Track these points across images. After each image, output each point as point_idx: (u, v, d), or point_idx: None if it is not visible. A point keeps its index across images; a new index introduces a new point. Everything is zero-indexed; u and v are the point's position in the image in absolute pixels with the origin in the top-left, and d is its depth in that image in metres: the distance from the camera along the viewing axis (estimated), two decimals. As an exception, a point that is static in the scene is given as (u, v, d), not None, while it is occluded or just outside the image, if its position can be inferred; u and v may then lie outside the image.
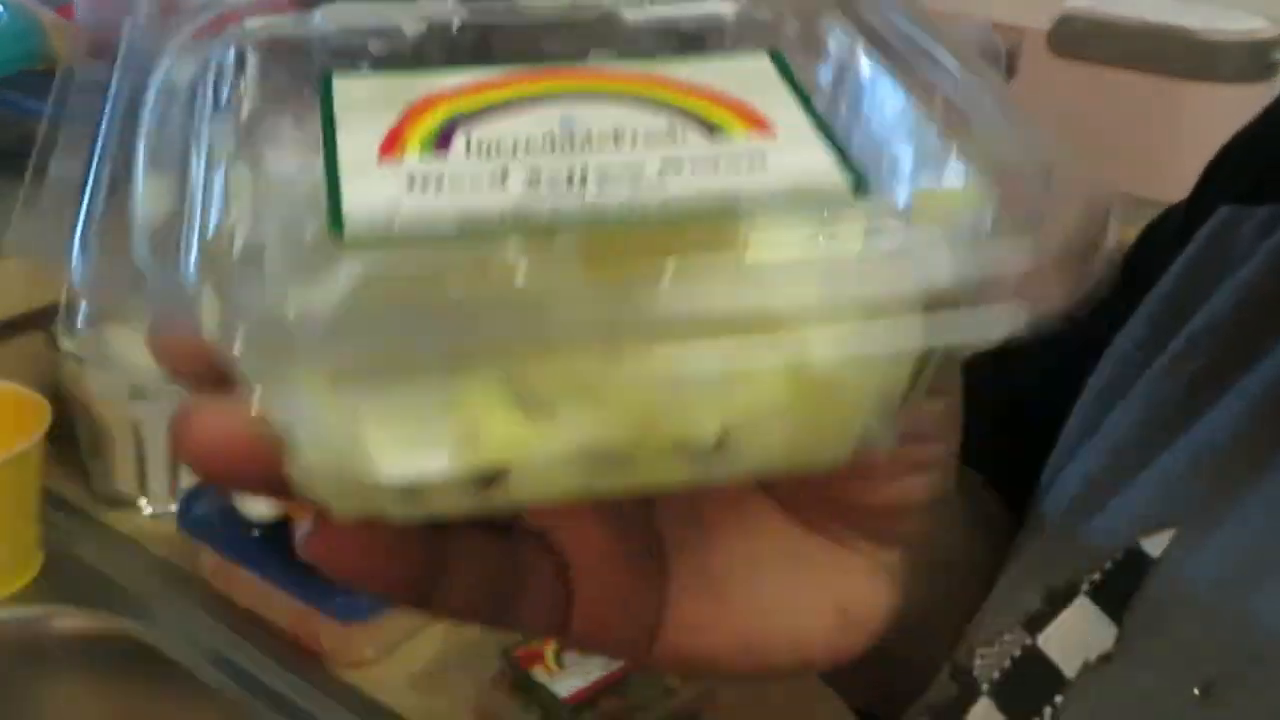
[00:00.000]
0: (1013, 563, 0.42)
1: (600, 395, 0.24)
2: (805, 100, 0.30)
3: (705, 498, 0.33)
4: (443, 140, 0.27)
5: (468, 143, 0.27)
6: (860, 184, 0.27)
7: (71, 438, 0.90)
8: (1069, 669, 0.37)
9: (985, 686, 0.39)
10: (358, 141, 0.27)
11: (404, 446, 0.23)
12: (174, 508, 0.85)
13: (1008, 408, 0.34)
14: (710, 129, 0.29)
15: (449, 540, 0.29)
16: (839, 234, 0.26)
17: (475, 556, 0.29)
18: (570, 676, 0.74)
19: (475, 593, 0.29)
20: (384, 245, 0.24)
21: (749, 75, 0.31)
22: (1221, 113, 0.99)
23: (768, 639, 0.34)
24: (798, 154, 0.28)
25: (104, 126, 0.28)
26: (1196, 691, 0.34)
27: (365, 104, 0.28)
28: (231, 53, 0.29)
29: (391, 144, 0.27)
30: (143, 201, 0.26)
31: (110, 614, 0.79)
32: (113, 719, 0.80)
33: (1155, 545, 0.38)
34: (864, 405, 0.26)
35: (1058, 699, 0.36)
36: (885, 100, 0.30)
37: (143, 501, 0.88)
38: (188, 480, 0.86)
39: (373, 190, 0.25)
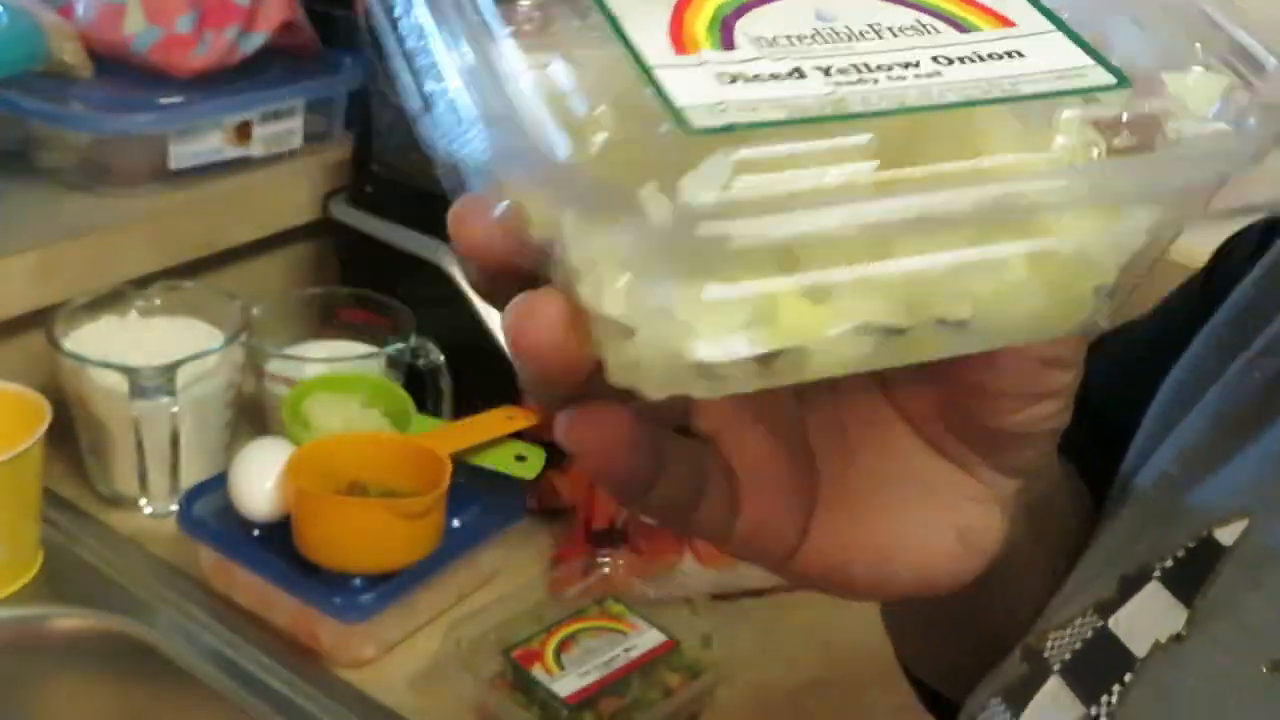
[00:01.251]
0: (1088, 553, 0.44)
1: (874, 283, 0.27)
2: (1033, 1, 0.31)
3: (849, 416, 0.36)
4: (725, 36, 0.28)
5: (749, 38, 0.29)
6: (1121, 78, 0.29)
7: (71, 438, 0.90)
8: (1139, 649, 0.39)
9: (1057, 666, 0.41)
10: (648, 38, 0.28)
11: (718, 331, 0.26)
12: (174, 508, 0.85)
13: (1083, 402, 0.36)
14: (958, 24, 0.30)
15: (669, 443, 0.32)
16: (1107, 125, 0.28)
17: (683, 460, 0.32)
18: (570, 676, 0.74)
19: (678, 492, 0.32)
20: (729, 139, 0.26)
21: None
22: (1221, 113, 0.99)
23: (895, 556, 0.36)
24: (1050, 49, 0.30)
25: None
26: (1265, 669, 0.37)
27: (636, 2, 0.29)
28: None
29: (679, 40, 0.28)
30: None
31: (110, 614, 0.79)
32: (113, 719, 0.80)
33: (1228, 534, 0.40)
34: (1090, 288, 0.29)
35: (1127, 677, 0.39)
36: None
37: (143, 501, 0.88)
38: (188, 480, 0.87)
39: (693, 86, 0.27)
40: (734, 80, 0.27)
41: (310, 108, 1.06)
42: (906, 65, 0.28)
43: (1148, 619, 0.40)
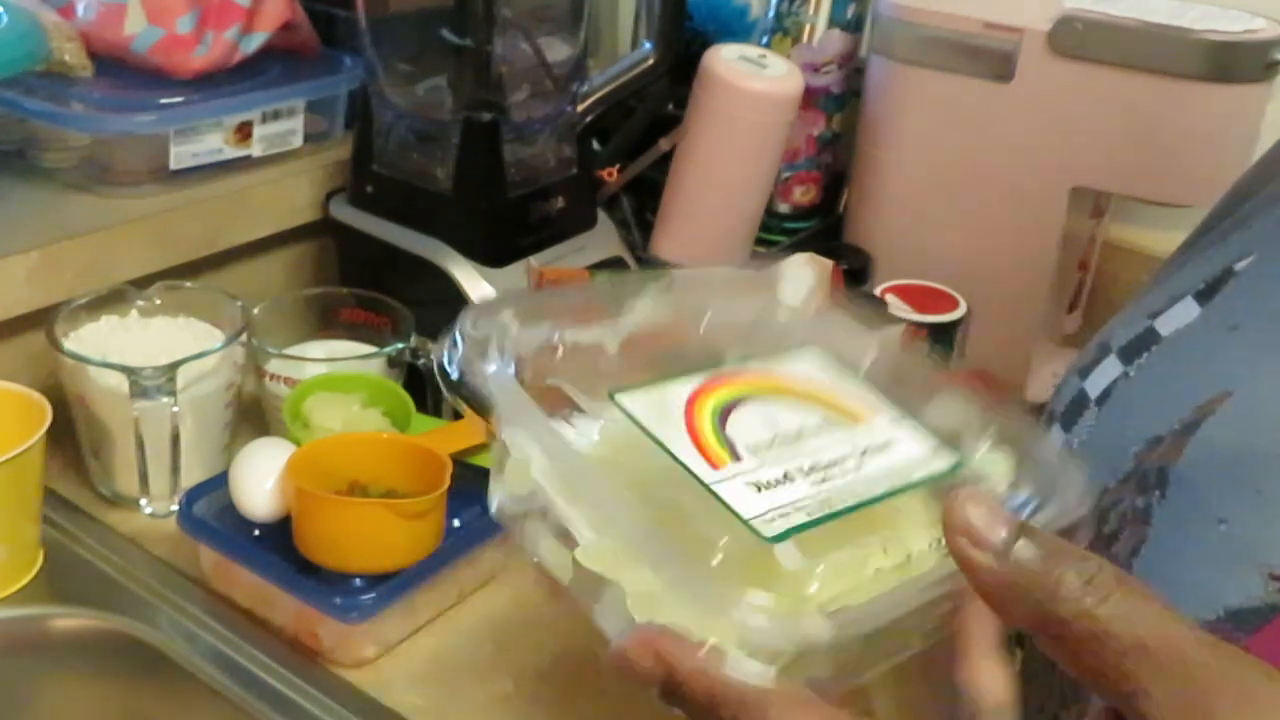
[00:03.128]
0: (1146, 297, 0.61)
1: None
2: (873, 389, 0.44)
3: None
4: (731, 448, 0.40)
5: (745, 448, 0.40)
6: (959, 463, 0.42)
7: (71, 438, 0.90)
8: (1165, 331, 0.57)
9: (1115, 349, 0.59)
10: (686, 452, 0.40)
11: None
12: (174, 508, 0.85)
13: None
14: (848, 420, 0.43)
15: None
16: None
17: None
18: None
19: None
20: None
21: (824, 370, 0.45)
22: (1221, 113, 0.99)
23: None
24: (908, 436, 0.43)
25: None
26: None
27: (653, 411, 0.41)
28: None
29: (706, 455, 0.40)
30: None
31: (110, 614, 0.79)
32: (113, 719, 0.80)
33: (1242, 264, 0.57)
34: None
35: (1153, 348, 0.57)
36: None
37: (143, 501, 0.88)
38: (188, 480, 0.87)
39: (737, 498, 0.39)
40: (759, 490, 0.39)
41: (310, 108, 1.06)
42: (843, 459, 0.41)
43: (1177, 317, 0.57)
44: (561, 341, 0.43)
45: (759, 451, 0.40)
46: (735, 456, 0.40)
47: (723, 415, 0.41)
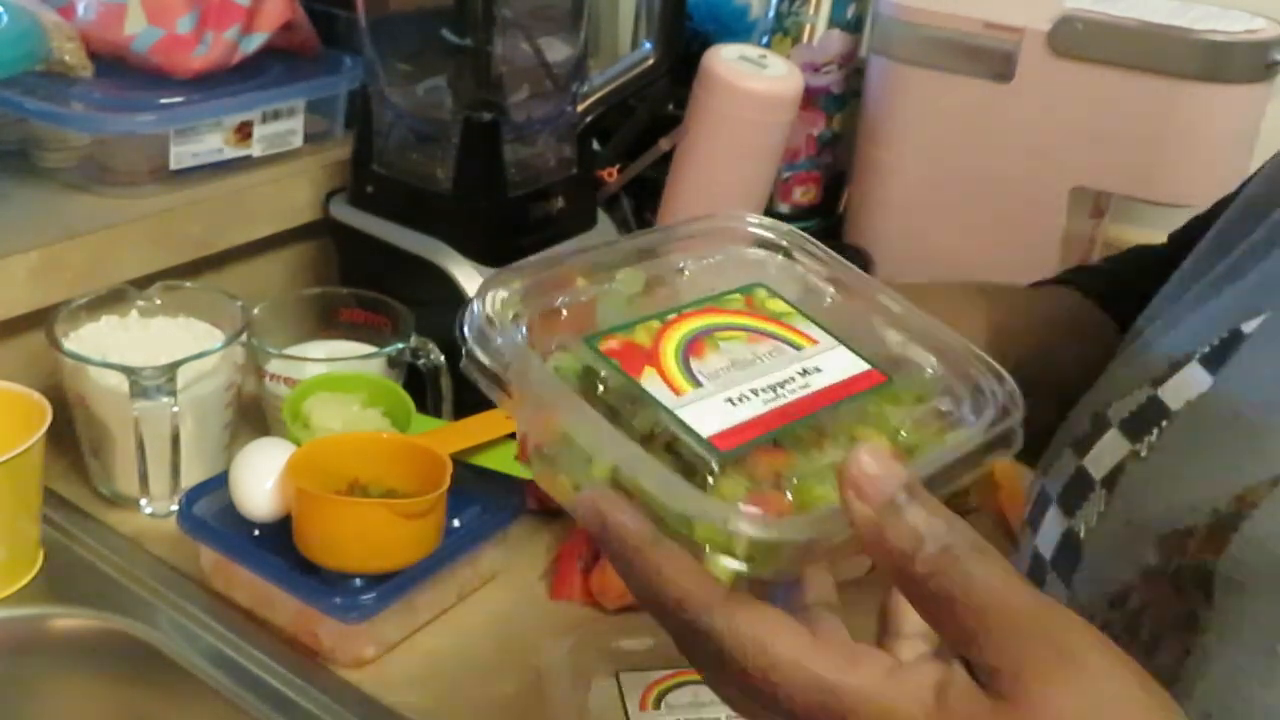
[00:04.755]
0: (1144, 349, 0.58)
1: None
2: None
3: None
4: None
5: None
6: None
7: (71, 438, 0.90)
8: (1175, 405, 0.53)
9: (1115, 423, 0.55)
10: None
11: None
12: (174, 508, 0.85)
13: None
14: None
15: None
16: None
17: None
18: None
19: None
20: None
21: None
22: (1221, 113, 0.99)
23: None
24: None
25: None
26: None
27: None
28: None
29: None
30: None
31: (110, 614, 0.79)
32: (113, 719, 0.80)
33: (1250, 326, 0.52)
34: None
35: (1164, 423, 0.53)
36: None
37: (143, 501, 0.88)
38: (188, 480, 0.87)
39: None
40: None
41: (310, 108, 1.06)
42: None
43: (1184, 386, 0.53)
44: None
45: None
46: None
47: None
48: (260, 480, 0.77)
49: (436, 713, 0.75)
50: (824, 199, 1.23)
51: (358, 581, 0.76)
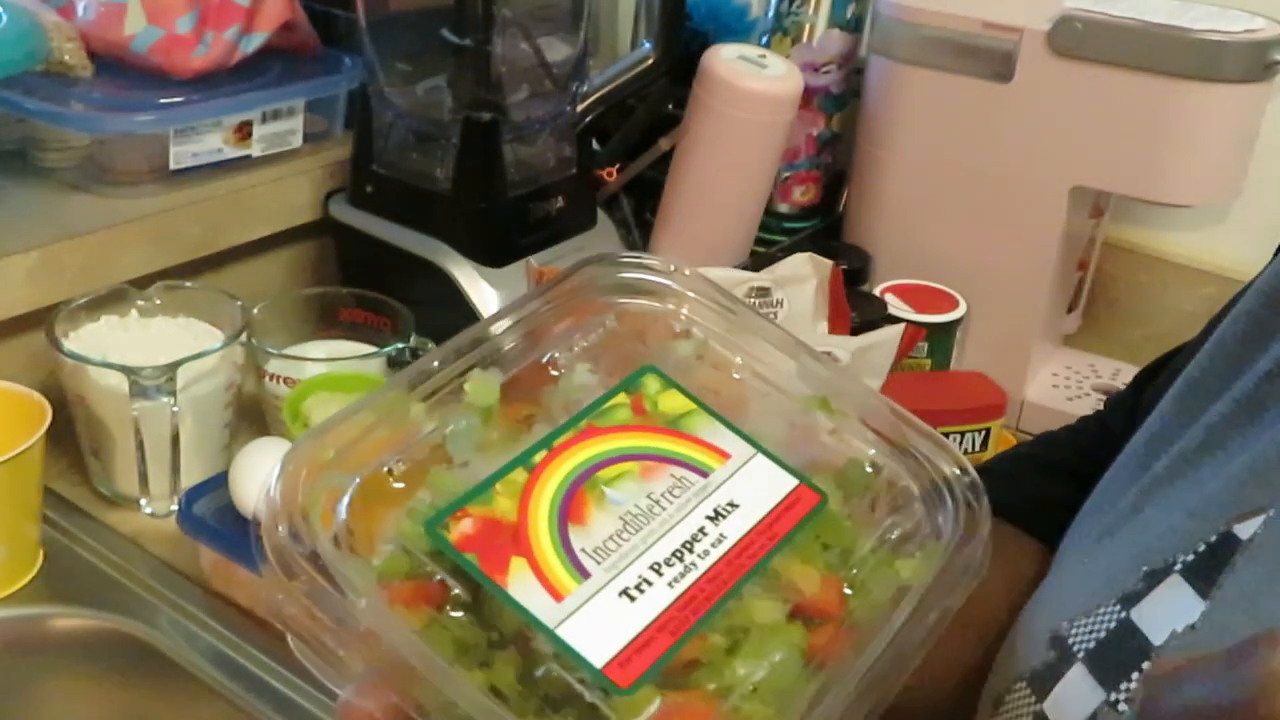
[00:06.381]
0: (1112, 546, 0.46)
1: None
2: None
3: None
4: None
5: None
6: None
7: (71, 438, 0.90)
8: (1157, 639, 0.41)
9: (1080, 654, 0.44)
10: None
11: None
12: (174, 508, 0.85)
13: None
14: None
15: None
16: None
17: None
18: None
19: None
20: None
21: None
22: (1221, 113, 0.99)
23: None
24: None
25: None
26: None
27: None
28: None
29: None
30: None
31: (110, 614, 0.79)
32: (113, 719, 0.80)
33: (1246, 529, 0.42)
34: None
35: (1145, 665, 0.41)
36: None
37: (143, 501, 0.88)
38: (188, 480, 0.87)
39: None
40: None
41: (310, 108, 1.06)
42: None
43: (1167, 610, 0.42)
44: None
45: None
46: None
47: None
48: (260, 480, 0.77)
49: (436, 713, 0.74)
50: (823, 199, 1.23)
51: (358, 581, 0.76)
